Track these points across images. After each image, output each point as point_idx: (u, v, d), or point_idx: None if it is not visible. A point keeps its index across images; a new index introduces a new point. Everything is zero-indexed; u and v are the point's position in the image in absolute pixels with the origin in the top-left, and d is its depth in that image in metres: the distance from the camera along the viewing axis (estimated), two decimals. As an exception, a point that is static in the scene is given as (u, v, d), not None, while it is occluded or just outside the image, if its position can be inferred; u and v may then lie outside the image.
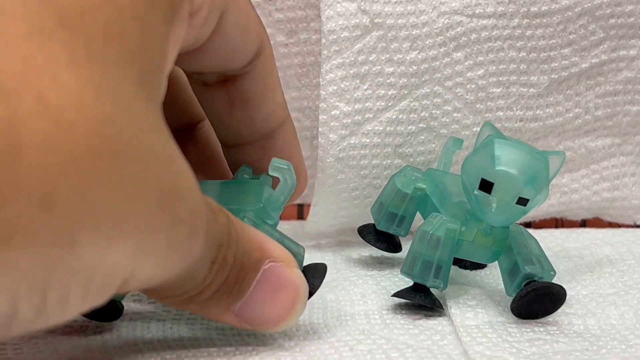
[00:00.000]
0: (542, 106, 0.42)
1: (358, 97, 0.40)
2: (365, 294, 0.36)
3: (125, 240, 0.22)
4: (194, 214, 0.24)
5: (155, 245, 0.23)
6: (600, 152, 0.44)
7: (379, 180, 0.42)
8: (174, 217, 0.23)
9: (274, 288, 0.28)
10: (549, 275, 0.33)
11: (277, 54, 0.44)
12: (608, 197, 0.45)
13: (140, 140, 0.22)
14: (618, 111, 0.44)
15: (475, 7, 0.40)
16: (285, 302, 0.29)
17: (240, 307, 0.28)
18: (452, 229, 0.33)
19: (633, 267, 0.39)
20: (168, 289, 0.26)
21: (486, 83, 0.41)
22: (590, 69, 0.42)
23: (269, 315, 0.29)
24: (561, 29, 0.41)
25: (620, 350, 0.31)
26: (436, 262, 0.33)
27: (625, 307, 0.35)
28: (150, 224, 0.23)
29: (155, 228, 0.23)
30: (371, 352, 0.30)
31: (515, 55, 0.41)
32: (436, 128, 0.41)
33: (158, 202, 0.23)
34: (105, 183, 0.21)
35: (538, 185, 0.32)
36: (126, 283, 0.23)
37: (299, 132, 0.46)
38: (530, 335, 0.32)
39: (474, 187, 0.32)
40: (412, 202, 0.37)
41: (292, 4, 0.43)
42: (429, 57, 0.40)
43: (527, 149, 0.33)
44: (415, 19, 0.40)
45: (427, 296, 0.34)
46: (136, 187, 0.22)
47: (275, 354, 0.30)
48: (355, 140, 0.41)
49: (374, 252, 0.41)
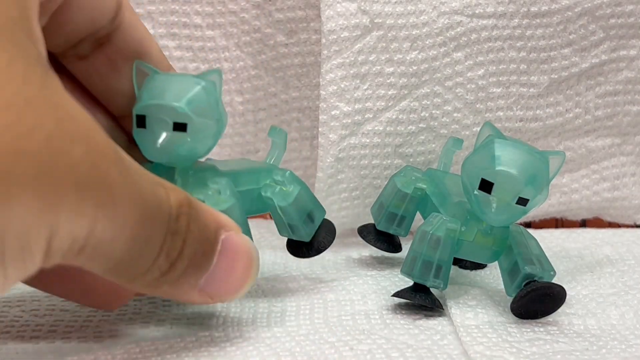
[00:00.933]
0: (542, 106, 0.42)
1: (358, 97, 0.40)
2: (366, 294, 0.36)
3: (23, 196, 0.21)
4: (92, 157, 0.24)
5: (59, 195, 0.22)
6: (600, 152, 0.44)
7: (379, 180, 0.42)
8: (68, 162, 0.23)
9: (232, 257, 0.29)
10: (549, 275, 0.33)
11: (277, 54, 0.44)
12: (608, 197, 0.45)
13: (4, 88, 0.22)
14: (618, 111, 0.44)
15: (475, 7, 0.40)
16: (242, 270, 0.29)
17: (205, 280, 0.28)
18: (452, 229, 0.34)
19: (633, 267, 0.39)
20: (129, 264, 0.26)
21: (486, 83, 0.41)
22: (591, 69, 0.42)
23: (230, 286, 0.29)
24: (561, 29, 0.41)
25: (620, 350, 0.31)
26: (436, 262, 0.33)
27: (625, 307, 0.35)
28: (38, 173, 0.22)
29: (48, 177, 0.22)
30: (371, 352, 0.30)
31: (516, 55, 0.41)
32: (436, 128, 0.41)
33: (41, 149, 0.22)
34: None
35: (538, 185, 0.32)
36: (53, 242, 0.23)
37: (299, 132, 0.46)
38: (530, 335, 0.32)
39: (474, 187, 0.32)
40: (412, 202, 0.37)
41: (292, 4, 0.43)
42: (429, 57, 0.40)
43: (527, 149, 0.33)
44: (415, 19, 0.40)
45: (427, 296, 0.34)
46: (12, 137, 0.21)
47: (275, 354, 0.30)
48: (355, 140, 0.41)
49: (374, 252, 0.41)
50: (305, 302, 0.35)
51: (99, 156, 0.24)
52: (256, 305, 0.35)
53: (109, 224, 0.24)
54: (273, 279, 0.38)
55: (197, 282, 0.28)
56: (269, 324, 0.33)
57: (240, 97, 0.45)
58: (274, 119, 0.45)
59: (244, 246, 0.29)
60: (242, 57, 0.44)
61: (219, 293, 0.29)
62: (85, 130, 0.24)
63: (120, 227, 0.24)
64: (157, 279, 0.27)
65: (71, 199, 0.23)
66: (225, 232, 0.29)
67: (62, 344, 0.31)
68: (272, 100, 0.45)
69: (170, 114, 0.31)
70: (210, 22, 0.44)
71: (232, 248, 0.29)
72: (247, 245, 0.29)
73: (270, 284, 0.38)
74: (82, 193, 0.23)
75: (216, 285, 0.29)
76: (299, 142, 0.46)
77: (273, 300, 0.35)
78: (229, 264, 0.29)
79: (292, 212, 0.35)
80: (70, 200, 0.23)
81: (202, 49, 0.44)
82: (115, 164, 0.24)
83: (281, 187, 0.35)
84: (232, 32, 0.44)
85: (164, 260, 0.27)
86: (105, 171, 0.24)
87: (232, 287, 0.29)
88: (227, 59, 0.44)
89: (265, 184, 0.35)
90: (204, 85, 0.32)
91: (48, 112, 0.23)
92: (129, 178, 0.25)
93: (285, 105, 0.45)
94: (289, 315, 0.34)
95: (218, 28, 0.44)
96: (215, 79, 0.32)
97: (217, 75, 0.33)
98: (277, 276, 0.39)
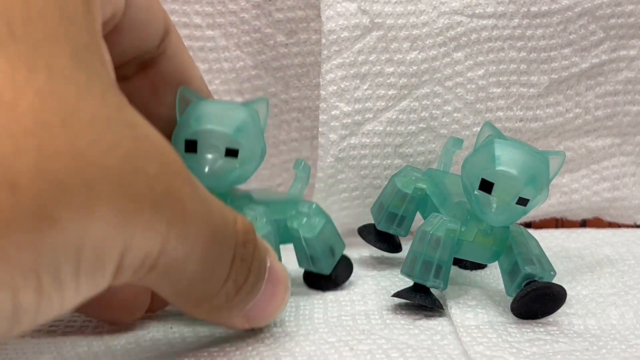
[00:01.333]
0: (542, 106, 0.42)
1: (358, 97, 0.40)
2: (366, 294, 0.36)
3: (102, 209, 0.22)
4: (166, 175, 0.24)
5: (135, 210, 0.23)
6: (600, 152, 0.44)
7: (379, 181, 0.42)
8: (145, 179, 0.23)
9: (274, 284, 0.29)
10: (549, 275, 0.33)
11: (277, 54, 0.44)
12: (608, 197, 0.45)
13: (87, 107, 0.22)
14: (618, 111, 0.44)
15: (476, 7, 0.40)
16: (280, 297, 0.30)
17: (250, 306, 0.29)
18: (452, 229, 0.33)
19: (633, 267, 0.39)
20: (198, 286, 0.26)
21: (486, 83, 0.41)
22: (591, 69, 0.42)
23: (268, 312, 0.30)
24: (561, 29, 0.41)
25: (621, 350, 0.31)
26: (436, 262, 0.33)
27: (625, 307, 0.35)
28: (120, 189, 0.22)
29: (126, 192, 0.23)
30: (371, 352, 0.30)
31: (516, 55, 0.41)
32: (436, 128, 0.41)
33: (120, 165, 0.23)
34: (62, 152, 0.21)
35: (538, 185, 0.32)
36: (126, 258, 0.23)
37: (299, 132, 0.46)
38: (530, 336, 0.32)
39: (474, 187, 0.32)
40: (412, 202, 0.37)
41: (292, 4, 0.43)
42: (429, 57, 0.40)
43: (527, 149, 0.33)
44: (416, 19, 0.40)
45: (427, 296, 0.34)
46: (95, 152, 0.22)
47: (275, 354, 0.30)
48: (355, 140, 0.41)
49: (374, 252, 0.41)
50: (305, 302, 0.35)
51: (172, 174, 0.24)
52: (256, 306, 0.35)
53: (180, 242, 0.25)
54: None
55: (244, 308, 0.29)
56: (269, 324, 0.33)
57: (240, 97, 0.45)
58: (274, 119, 0.45)
59: (282, 273, 0.30)
60: (242, 57, 0.44)
61: (257, 319, 0.30)
62: (160, 149, 0.24)
63: (191, 245, 0.25)
64: (222, 304, 0.27)
65: (146, 215, 0.23)
66: (270, 259, 0.29)
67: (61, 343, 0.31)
68: (272, 100, 0.45)
69: (223, 139, 0.32)
70: (210, 22, 0.44)
71: (275, 275, 0.29)
72: (284, 272, 0.30)
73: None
74: (157, 209, 0.24)
75: (258, 311, 0.29)
76: (299, 142, 0.46)
77: (273, 301, 0.35)
78: (271, 291, 0.29)
79: (316, 244, 0.35)
80: (145, 216, 0.23)
81: (202, 49, 0.44)
82: (187, 183, 0.25)
83: (307, 218, 0.35)
84: (232, 32, 0.44)
85: (232, 286, 0.27)
86: (178, 189, 0.24)
87: (270, 314, 0.30)
88: (227, 59, 0.44)
89: (292, 215, 0.36)
90: (252, 114, 0.33)
91: (126, 131, 0.23)
92: (199, 198, 0.25)
93: (285, 105, 0.45)
94: (288, 315, 0.34)
95: (218, 28, 0.44)
96: (261, 109, 0.33)
97: (264, 105, 0.34)
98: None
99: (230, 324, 0.29)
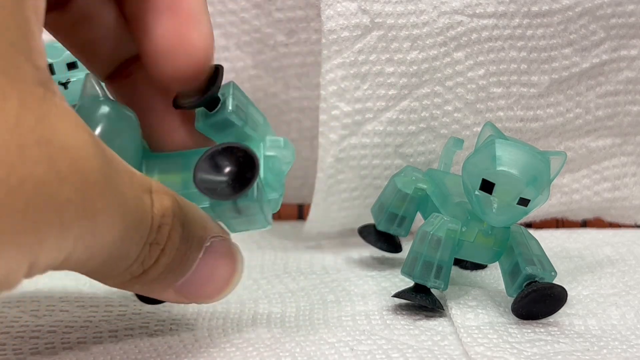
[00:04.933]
0: (542, 106, 0.42)
1: (358, 97, 0.40)
2: (366, 295, 0.36)
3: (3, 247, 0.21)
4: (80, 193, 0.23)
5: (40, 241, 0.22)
6: (601, 152, 0.44)
7: (379, 181, 0.42)
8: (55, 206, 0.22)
9: (213, 264, 0.29)
10: (549, 275, 0.33)
11: (277, 54, 0.44)
12: (609, 198, 0.45)
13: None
14: (619, 111, 0.44)
15: (476, 7, 0.40)
16: (224, 276, 0.29)
17: (182, 283, 0.28)
18: (452, 229, 0.33)
19: (634, 267, 0.39)
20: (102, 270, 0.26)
21: (487, 83, 0.41)
22: (591, 69, 0.42)
23: (207, 291, 0.29)
24: (562, 28, 0.41)
25: (622, 350, 0.31)
26: (437, 263, 0.33)
27: (626, 308, 0.35)
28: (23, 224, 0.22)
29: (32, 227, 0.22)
30: (372, 352, 0.30)
31: (516, 55, 0.41)
32: (437, 128, 0.41)
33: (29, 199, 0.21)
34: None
35: (539, 185, 0.32)
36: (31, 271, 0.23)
37: (299, 132, 0.46)
38: (531, 336, 0.32)
39: (474, 188, 0.32)
40: (412, 202, 0.37)
41: (292, 4, 0.43)
42: (430, 57, 0.40)
43: (528, 149, 0.33)
44: (416, 19, 0.40)
45: (428, 297, 0.34)
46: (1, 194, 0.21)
47: (275, 355, 0.30)
48: (355, 140, 0.41)
49: (375, 253, 0.41)
50: (305, 302, 0.35)
51: (86, 190, 0.23)
52: (256, 306, 0.35)
53: (86, 251, 0.24)
54: (273, 279, 0.38)
55: (171, 285, 0.28)
56: (269, 325, 0.33)
57: (240, 97, 0.45)
58: (274, 119, 0.45)
59: (229, 253, 0.29)
60: (242, 57, 0.44)
61: (195, 296, 0.29)
62: (75, 162, 0.23)
63: (98, 250, 0.25)
64: (128, 280, 0.27)
65: (51, 241, 0.23)
66: (213, 239, 0.29)
67: (61, 344, 0.31)
68: (272, 100, 0.45)
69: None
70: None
71: (215, 255, 0.29)
72: (233, 252, 0.29)
73: (270, 284, 0.37)
74: (64, 232, 0.23)
75: (193, 288, 0.29)
76: (299, 142, 0.46)
77: (273, 301, 0.35)
78: (208, 270, 0.29)
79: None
80: (49, 242, 0.23)
81: (202, 49, 0.44)
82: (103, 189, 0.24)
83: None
84: (232, 32, 0.44)
85: (137, 267, 0.27)
86: (90, 204, 0.23)
87: (210, 292, 0.29)
88: (227, 59, 0.44)
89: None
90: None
91: (40, 156, 0.22)
92: (114, 196, 0.24)
93: (285, 105, 0.45)
94: (288, 315, 0.34)
95: (218, 28, 0.44)
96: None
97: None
98: (277, 276, 0.39)
99: (161, 297, 0.29)
